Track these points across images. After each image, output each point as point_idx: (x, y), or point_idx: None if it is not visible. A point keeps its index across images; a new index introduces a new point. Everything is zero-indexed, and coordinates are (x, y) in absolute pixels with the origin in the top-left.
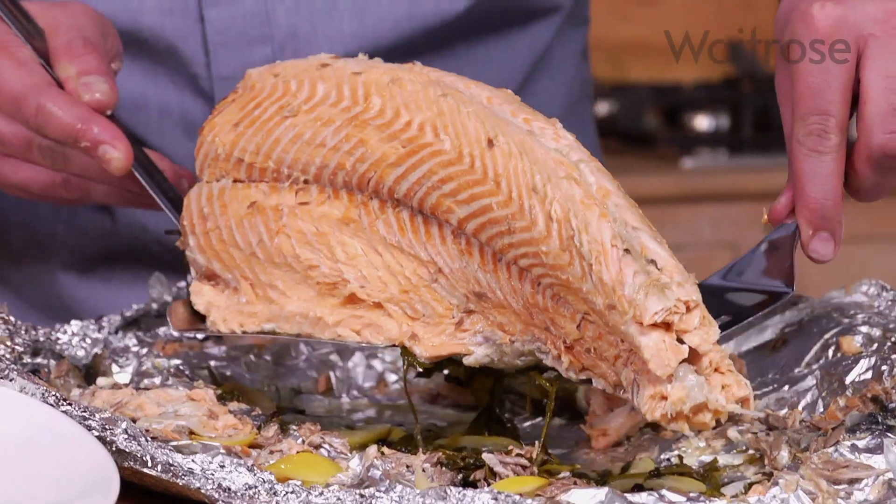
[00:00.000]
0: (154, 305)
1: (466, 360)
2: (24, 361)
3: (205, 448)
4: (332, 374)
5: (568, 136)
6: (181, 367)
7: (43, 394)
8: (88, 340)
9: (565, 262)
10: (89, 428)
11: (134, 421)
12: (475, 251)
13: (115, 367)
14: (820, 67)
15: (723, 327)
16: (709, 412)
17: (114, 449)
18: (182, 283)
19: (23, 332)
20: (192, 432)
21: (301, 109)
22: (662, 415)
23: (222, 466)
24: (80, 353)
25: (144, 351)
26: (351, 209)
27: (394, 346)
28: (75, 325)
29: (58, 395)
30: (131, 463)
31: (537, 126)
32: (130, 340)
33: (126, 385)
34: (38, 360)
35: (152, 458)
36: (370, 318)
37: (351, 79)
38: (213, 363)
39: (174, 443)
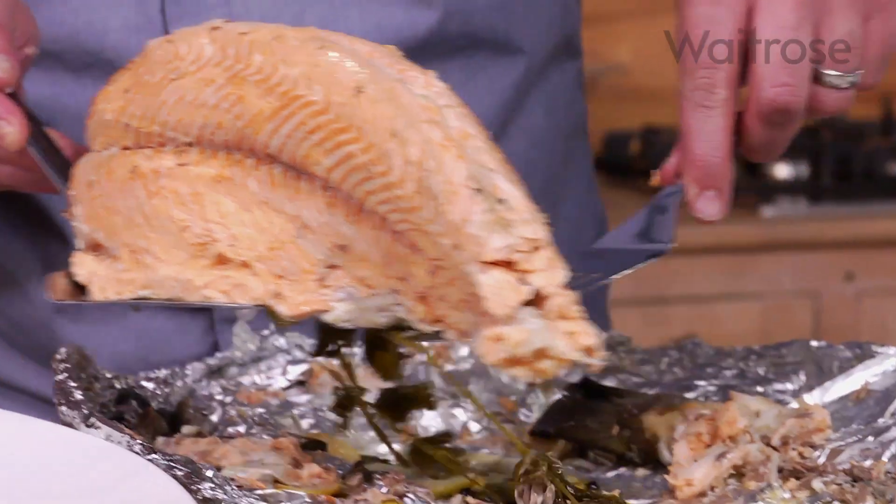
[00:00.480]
0: (238, 353)
1: (326, 318)
2: (110, 409)
3: (290, 497)
4: (415, 423)
5: (439, 85)
6: (265, 416)
7: (128, 442)
8: (173, 388)
9: (419, 204)
10: (175, 476)
11: (219, 469)
12: (340, 203)
13: (199, 415)
14: (708, 19)
15: (592, 282)
16: (551, 359)
17: (200, 497)
18: (265, 332)
19: (107, 379)
20: (277, 481)
21: (187, 71)
22: (501, 358)
23: None
24: (164, 404)
25: (229, 399)
26: (226, 168)
27: (259, 305)
28: (160, 372)
29: (143, 443)
30: None
31: (410, 75)
32: (214, 388)
33: (210, 433)
34: (123, 407)
35: None
36: (238, 278)
37: (237, 39)
38: (296, 411)
39: (259, 491)
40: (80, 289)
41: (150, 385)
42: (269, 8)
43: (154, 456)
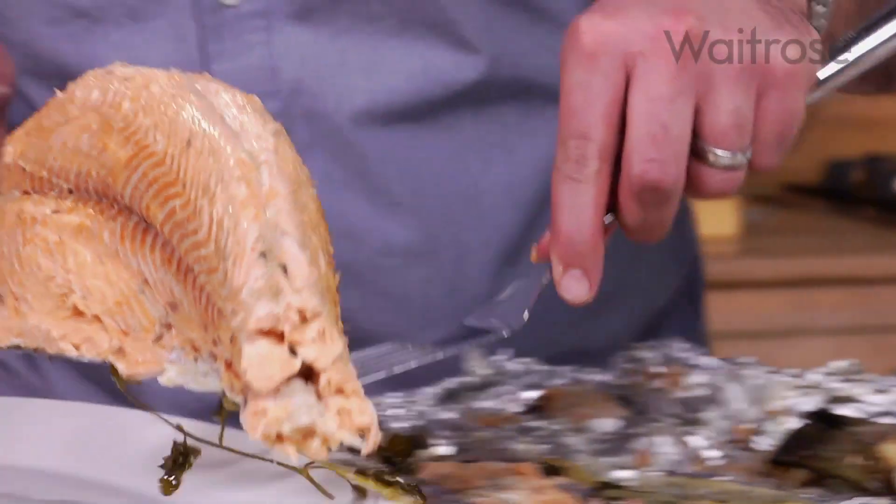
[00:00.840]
0: (471, 378)
1: (161, 380)
2: None
3: None
4: (649, 449)
5: (271, 140)
6: (501, 441)
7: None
8: (409, 412)
9: (216, 265)
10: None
11: (459, 493)
12: (174, 259)
13: (436, 439)
14: (582, 87)
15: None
16: (318, 438)
17: None
18: (498, 357)
19: None
20: None
21: (73, 116)
22: (264, 434)
23: None
24: (403, 424)
25: (465, 423)
26: (88, 217)
27: (104, 361)
28: (395, 396)
29: (384, 467)
30: None
31: (248, 128)
32: (450, 413)
33: (448, 457)
34: None
35: None
36: (88, 331)
37: (118, 84)
38: (532, 436)
39: None
40: None
41: (387, 410)
42: (310, 47)
43: (399, 478)
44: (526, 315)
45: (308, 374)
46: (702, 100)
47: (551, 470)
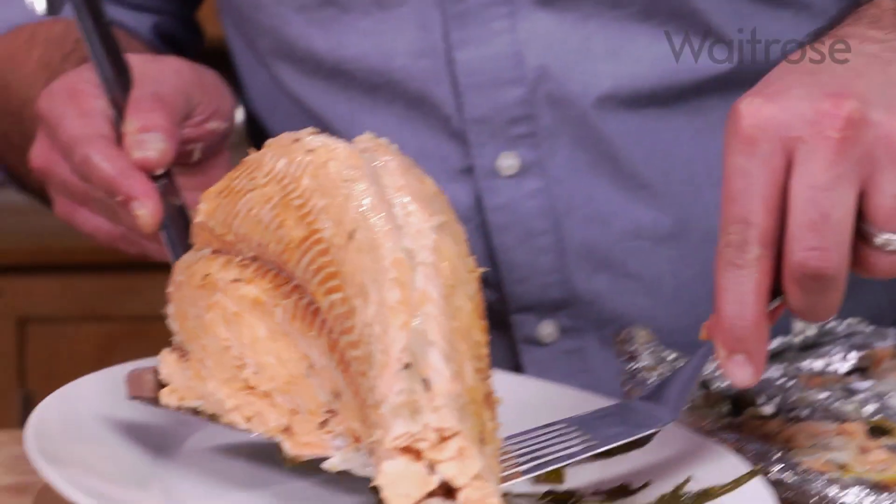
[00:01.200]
0: (796, 339)
1: (325, 465)
2: None
3: (857, 482)
4: None
5: (431, 238)
6: (827, 401)
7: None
8: None
9: (366, 370)
10: (745, 458)
11: (786, 452)
12: (337, 350)
13: (761, 398)
14: (743, 171)
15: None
16: None
17: (769, 479)
18: None
19: (670, 362)
20: (842, 466)
21: (259, 184)
22: None
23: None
24: (726, 383)
25: (791, 383)
26: (264, 291)
27: (271, 438)
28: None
29: (710, 425)
30: (789, 494)
31: (408, 220)
32: (775, 372)
33: (774, 416)
34: None
35: (807, 491)
36: (259, 406)
37: (302, 157)
38: (859, 397)
39: (828, 475)
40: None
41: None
42: (554, 32)
43: (725, 436)
44: (674, 419)
45: (448, 490)
46: (866, 183)
47: (878, 430)
